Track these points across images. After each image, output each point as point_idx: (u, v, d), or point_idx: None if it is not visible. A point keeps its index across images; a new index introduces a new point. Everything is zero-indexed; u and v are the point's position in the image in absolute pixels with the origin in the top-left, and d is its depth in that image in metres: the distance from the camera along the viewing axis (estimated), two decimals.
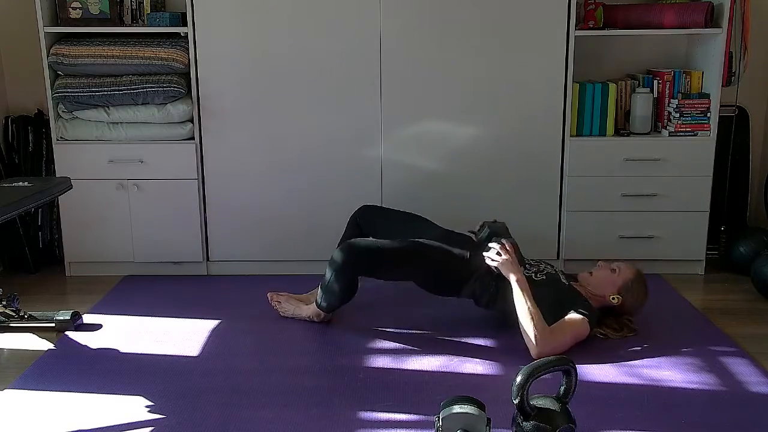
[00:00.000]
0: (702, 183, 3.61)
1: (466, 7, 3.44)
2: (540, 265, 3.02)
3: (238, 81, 3.53)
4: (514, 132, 3.57)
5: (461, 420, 1.94)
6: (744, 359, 2.76)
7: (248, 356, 2.83)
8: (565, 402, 2.05)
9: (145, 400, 2.48)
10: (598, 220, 3.64)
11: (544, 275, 2.94)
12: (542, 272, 2.95)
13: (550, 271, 2.98)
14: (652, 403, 2.44)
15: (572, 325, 2.77)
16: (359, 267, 2.90)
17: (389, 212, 3.29)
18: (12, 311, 3.11)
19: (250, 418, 2.35)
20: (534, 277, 2.91)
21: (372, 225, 3.24)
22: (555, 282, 2.92)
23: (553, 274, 2.97)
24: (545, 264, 3.05)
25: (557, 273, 3.00)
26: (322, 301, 2.99)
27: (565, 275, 3.02)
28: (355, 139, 3.58)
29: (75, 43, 3.54)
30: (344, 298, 2.95)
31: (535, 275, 2.92)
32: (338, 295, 2.93)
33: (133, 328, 3.10)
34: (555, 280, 2.93)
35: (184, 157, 3.59)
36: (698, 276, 3.72)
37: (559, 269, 3.07)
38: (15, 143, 3.92)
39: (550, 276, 2.95)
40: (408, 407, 2.41)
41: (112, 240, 3.67)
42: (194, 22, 3.48)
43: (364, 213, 3.28)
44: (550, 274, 2.96)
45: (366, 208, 3.31)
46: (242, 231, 3.68)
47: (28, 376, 2.66)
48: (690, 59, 3.81)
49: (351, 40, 3.48)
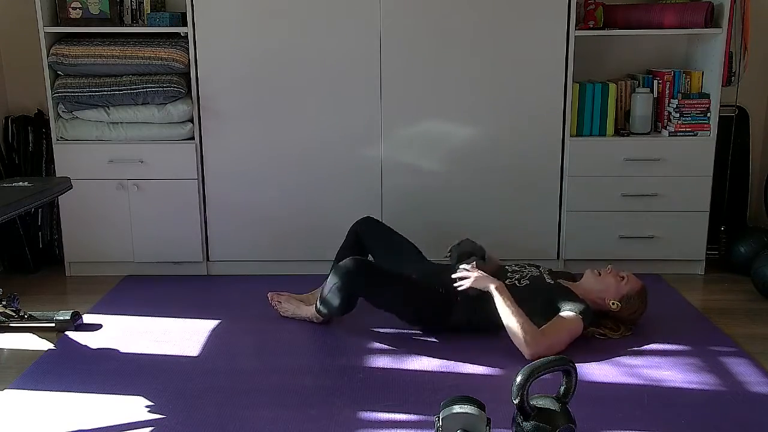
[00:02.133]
0: (702, 183, 3.60)
1: (466, 7, 3.44)
2: (523, 270, 3.02)
3: (238, 81, 3.53)
4: (514, 132, 3.57)
5: (461, 420, 1.94)
6: (744, 359, 2.76)
7: (248, 356, 2.83)
8: (565, 402, 2.05)
9: (145, 400, 2.48)
10: (598, 220, 3.64)
11: (528, 280, 2.93)
12: (525, 277, 2.95)
13: (534, 274, 2.98)
14: (652, 403, 2.44)
15: (564, 324, 2.77)
16: (359, 289, 2.88)
17: (389, 233, 3.28)
18: (12, 311, 3.11)
19: (250, 418, 2.35)
20: (518, 284, 2.91)
21: (371, 239, 3.25)
22: (540, 284, 2.92)
23: (537, 276, 2.97)
24: (529, 267, 3.05)
25: (542, 274, 2.99)
26: (321, 307, 2.99)
27: (551, 274, 3.02)
28: (355, 139, 3.58)
29: (75, 43, 3.54)
30: (341, 313, 2.96)
31: (518, 282, 2.92)
32: (335, 310, 2.93)
33: (133, 328, 3.10)
34: (539, 282, 2.93)
35: (184, 157, 3.59)
36: (698, 276, 3.72)
37: (545, 269, 3.06)
38: (15, 143, 3.92)
39: (534, 279, 2.94)
40: (408, 407, 2.41)
41: (112, 240, 3.67)
42: (194, 22, 3.48)
43: (365, 225, 3.28)
44: (533, 278, 2.95)
45: (367, 221, 3.30)
46: (242, 231, 3.68)
47: (28, 376, 2.66)
48: (690, 59, 3.81)
49: (351, 40, 3.48)
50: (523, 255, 3.52)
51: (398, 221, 3.51)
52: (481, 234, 3.46)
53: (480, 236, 3.34)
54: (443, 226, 3.59)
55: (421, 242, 3.33)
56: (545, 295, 2.86)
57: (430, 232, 3.56)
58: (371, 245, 3.25)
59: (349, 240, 3.28)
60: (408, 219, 3.57)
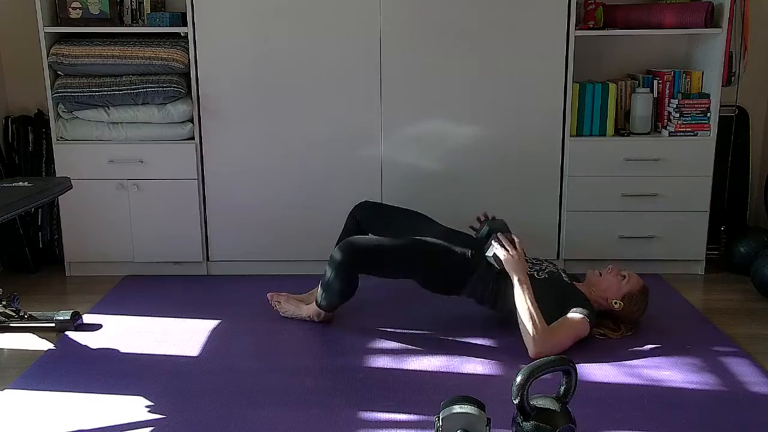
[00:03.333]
0: (702, 183, 3.60)
1: (466, 7, 3.44)
2: (542, 264, 3.03)
3: (238, 81, 3.53)
4: (514, 132, 3.57)
5: (461, 420, 1.94)
6: (744, 359, 2.76)
7: (248, 356, 2.83)
8: (565, 402, 2.05)
9: (145, 400, 2.47)
10: (598, 220, 3.64)
11: (547, 273, 2.94)
12: (544, 270, 2.96)
13: (552, 270, 2.99)
14: (652, 403, 2.44)
15: (572, 325, 2.77)
16: (359, 265, 2.90)
17: (389, 209, 3.28)
18: (12, 311, 3.11)
19: (250, 418, 2.35)
20: (536, 275, 2.91)
21: (371, 221, 3.23)
22: (557, 280, 2.93)
23: (556, 273, 2.98)
24: (547, 263, 3.06)
25: (559, 272, 3.00)
26: (322, 300, 2.98)
27: (567, 275, 3.03)
28: (355, 139, 3.58)
29: (75, 43, 3.54)
30: (344, 297, 2.95)
31: (537, 273, 2.93)
32: (338, 294, 2.93)
33: (133, 328, 3.10)
34: (557, 279, 2.94)
35: (184, 157, 3.59)
36: (698, 276, 3.72)
37: (561, 269, 3.08)
38: (15, 143, 3.92)
39: (553, 275, 2.95)
40: (408, 407, 2.41)
41: (112, 240, 3.67)
42: (194, 22, 3.48)
43: (363, 209, 3.27)
44: (552, 273, 2.96)
45: (365, 204, 3.30)
46: (242, 231, 3.68)
47: (28, 376, 2.66)
48: (690, 59, 3.81)
49: (351, 39, 3.48)
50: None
51: None
52: None
53: None
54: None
55: None
56: (560, 294, 2.86)
57: None
58: (370, 226, 3.23)
59: (347, 225, 3.28)
60: None
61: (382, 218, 3.23)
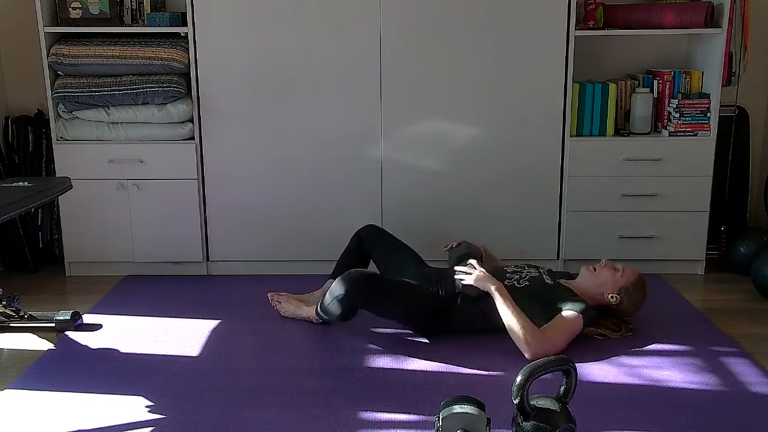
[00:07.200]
0: (702, 183, 3.60)
1: (466, 7, 3.44)
2: (523, 270, 3.01)
3: (238, 81, 3.53)
4: (514, 132, 3.57)
5: (461, 420, 1.94)
6: (744, 359, 2.76)
7: (248, 356, 2.83)
8: (565, 402, 2.05)
9: (145, 400, 2.48)
10: (598, 220, 3.64)
11: (527, 281, 2.93)
12: (525, 278, 2.95)
13: (533, 275, 2.98)
14: (652, 403, 2.44)
15: (564, 323, 2.77)
16: (360, 302, 2.88)
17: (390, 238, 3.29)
18: (12, 311, 3.11)
19: (250, 418, 2.35)
20: (517, 284, 2.91)
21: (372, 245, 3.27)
22: (540, 285, 2.92)
23: (537, 276, 2.97)
24: (528, 267, 3.04)
25: (541, 275, 2.99)
26: (321, 313, 2.99)
27: (551, 274, 3.02)
28: (355, 139, 3.58)
29: (75, 43, 3.54)
30: (340, 321, 2.96)
31: (517, 282, 2.92)
32: (335, 318, 2.94)
33: (133, 328, 3.10)
34: (539, 283, 2.93)
35: (184, 157, 3.59)
36: (698, 276, 3.72)
37: (544, 269, 3.06)
38: (15, 143, 3.92)
39: (534, 280, 2.94)
40: (408, 407, 2.41)
41: (112, 240, 3.67)
42: (194, 22, 3.48)
43: (367, 232, 3.30)
44: (533, 278, 2.95)
45: (370, 227, 3.32)
46: (242, 231, 3.68)
47: (28, 376, 2.66)
48: (690, 59, 3.81)
49: (351, 39, 3.48)
50: (523, 255, 3.52)
51: (398, 221, 3.51)
52: (481, 234, 3.47)
53: (480, 236, 3.35)
54: (443, 226, 3.59)
55: (421, 242, 3.34)
56: (545, 296, 2.85)
57: (430, 232, 3.56)
58: (372, 251, 3.27)
59: (351, 245, 3.30)
60: (408, 219, 3.58)
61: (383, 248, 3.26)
